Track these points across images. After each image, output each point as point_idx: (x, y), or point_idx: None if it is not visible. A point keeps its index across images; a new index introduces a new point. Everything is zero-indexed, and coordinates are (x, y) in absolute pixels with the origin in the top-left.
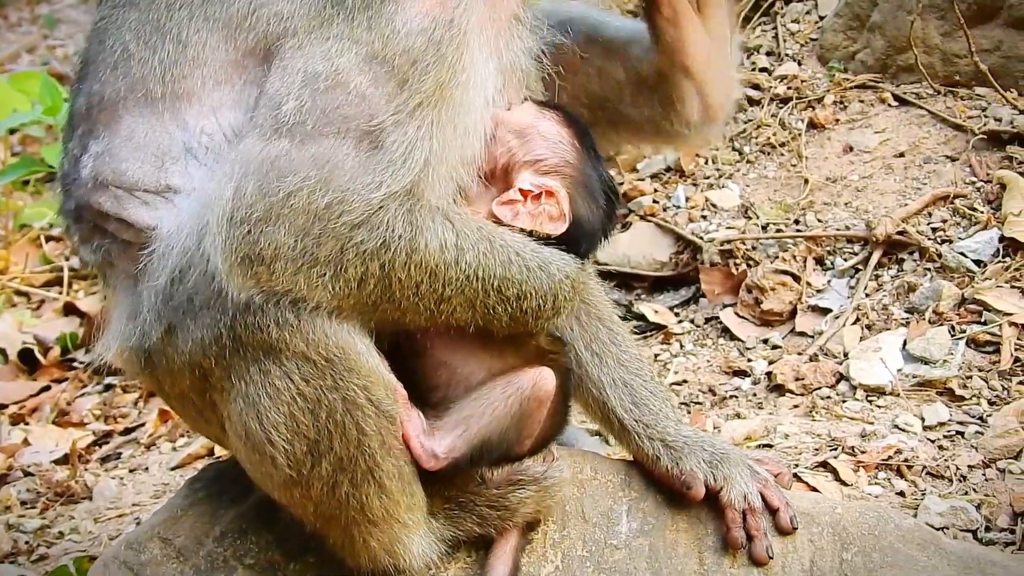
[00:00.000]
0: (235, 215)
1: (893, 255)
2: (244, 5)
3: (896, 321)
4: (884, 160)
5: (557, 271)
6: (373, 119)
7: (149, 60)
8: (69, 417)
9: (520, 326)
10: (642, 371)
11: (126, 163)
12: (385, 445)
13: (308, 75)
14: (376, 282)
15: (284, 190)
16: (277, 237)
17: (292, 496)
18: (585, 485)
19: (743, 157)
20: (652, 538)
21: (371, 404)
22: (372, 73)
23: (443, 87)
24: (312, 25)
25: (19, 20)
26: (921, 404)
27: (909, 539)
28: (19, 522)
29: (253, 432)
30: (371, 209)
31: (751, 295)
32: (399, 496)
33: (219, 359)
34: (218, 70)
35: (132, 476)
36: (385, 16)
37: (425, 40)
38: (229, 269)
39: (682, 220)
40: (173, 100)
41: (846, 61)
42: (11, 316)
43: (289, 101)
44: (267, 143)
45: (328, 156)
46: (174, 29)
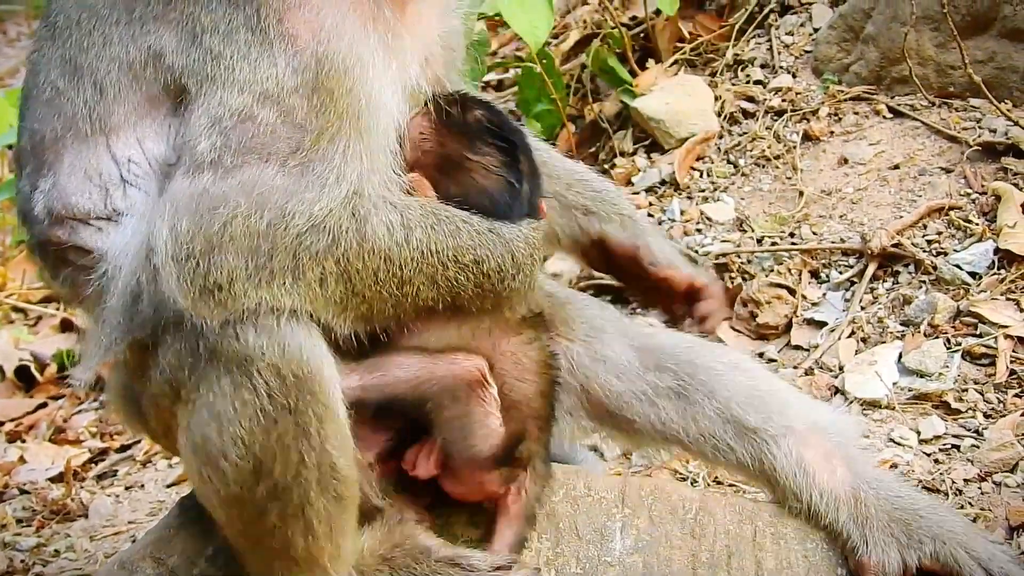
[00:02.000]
0: (177, 253)
1: (888, 268)
2: (139, 53)
3: (892, 334)
4: (879, 172)
5: (507, 231)
6: (292, 148)
7: (75, 100)
8: (65, 434)
9: (489, 294)
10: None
11: (75, 196)
12: (321, 483)
13: (212, 118)
14: (336, 279)
15: (219, 221)
16: (227, 263)
17: (229, 515)
18: (579, 502)
19: (738, 170)
20: (646, 555)
21: (318, 437)
22: (274, 109)
23: (350, 106)
24: (200, 80)
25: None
26: (917, 417)
27: None
28: (15, 540)
29: (211, 443)
30: (315, 218)
31: (746, 308)
32: (324, 542)
33: (193, 370)
34: (136, 107)
35: (128, 493)
36: (266, 62)
37: (312, 75)
38: (192, 305)
39: (677, 233)
40: (103, 135)
41: (840, 73)
42: (8, 333)
43: (202, 142)
44: (191, 179)
45: (255, 180)
46: (89, 70)
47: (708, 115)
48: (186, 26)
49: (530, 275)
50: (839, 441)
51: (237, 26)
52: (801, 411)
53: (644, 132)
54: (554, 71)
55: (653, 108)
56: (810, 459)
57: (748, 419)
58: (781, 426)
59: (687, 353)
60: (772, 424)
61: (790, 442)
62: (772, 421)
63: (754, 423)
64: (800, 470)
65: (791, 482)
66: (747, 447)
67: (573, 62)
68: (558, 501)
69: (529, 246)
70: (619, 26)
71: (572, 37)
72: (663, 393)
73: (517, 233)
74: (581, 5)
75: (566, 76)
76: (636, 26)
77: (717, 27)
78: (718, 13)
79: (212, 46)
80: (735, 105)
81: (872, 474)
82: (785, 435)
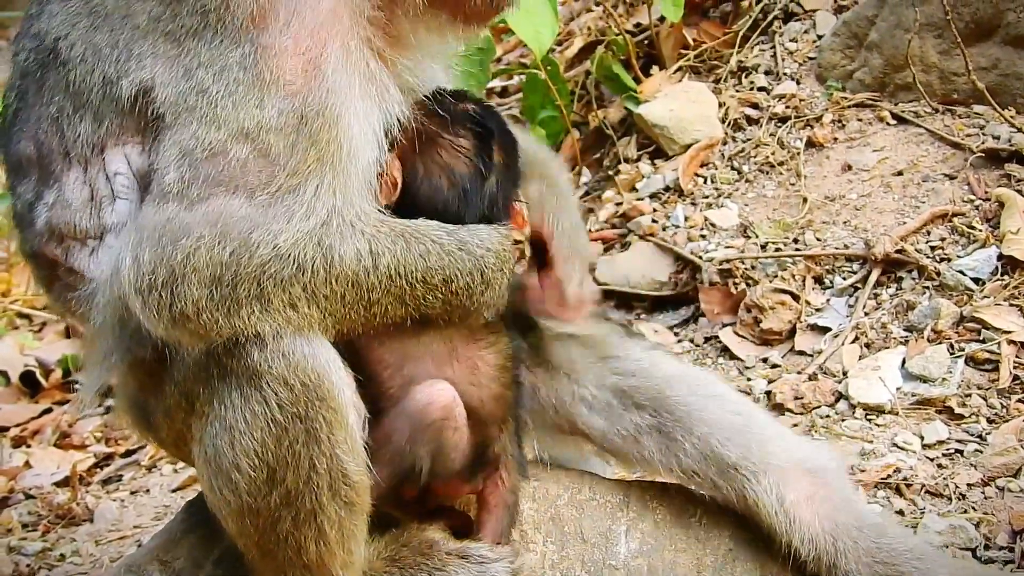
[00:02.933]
0: (140, 284)
1: (892, 273)
2: (130, 88)
3: (895, 339)
4: (882, 178)
5: (477, 247)
6: (262, 182)
7: (78, 127)
8: (71, 439)
9: (457, 309)
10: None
11: (79, 214)
12: (332, 488)
13: (182, 149)
14: (305, 302)
15: (181, 252)
16: (190, 293)
17: (242, 524)
18: (584, 506)
19: (742, 176)
20: (651, 558)
21: (329, 443)
22: (249, 146)
23: (331, 153)
24: (179, 111)
25: None
26: (920, 422)
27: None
28: (20, 544)
29: (223, 455)
30: (279, 249)
31: (750, 314)
32: (335, 547)
33: (206, 384)
34: (127, 133)
35: (133, 498)
36: (251, 101)
37: (296, 120)
38: (165, 333)
39: (681, 240)
40: (101, 156)
41: (844, 80)
42: (13, 339)
43: (170, 172)
44: (157, 208)
45: (220, 212)
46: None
47: (712, 121)
48: (184, 60)
49: (499, 288)
50: (823, 482)
51: (231, 64)
52: (783, 447)
53: (648, 139)
54: (558, 78)
55: (657, 114)
56: (791, 500)
57: (728, 455)
58: (762, 461)
59: (662, 388)
60: (752, 459)
61: (771, 479)
62: (752, 456)
63: (734, 459)
64: (781, 510)
65: (772, 521)
66: (730, 483)
67: (577, 69)
68: (563, 505)
69: (500, 260)
70: (624, 33)
71: (576, 44)
72: (644, 431)
73: (487, 248)
74: (585, 12)
75: (570, 83)
76: (640, 33)
77: (721, 34)
78: (722, 20)
79: (202, 80)
80: (739, 112)
81: (855, 520)
82: (766, 472)
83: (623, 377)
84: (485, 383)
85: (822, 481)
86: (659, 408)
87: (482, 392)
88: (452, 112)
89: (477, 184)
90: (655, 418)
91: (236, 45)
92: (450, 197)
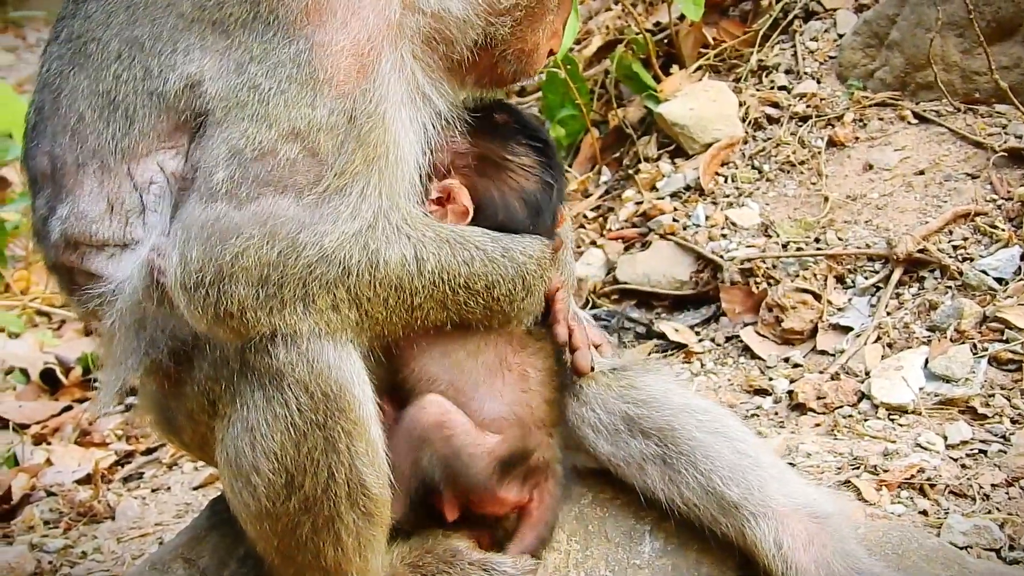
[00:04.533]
0: (186, 281)
1: (914, 273)
2: (177, 82)
3: (918, 339)
4: (904, 178)
5: (520, 254)
6: (310, 181)
7: (103, 132)
8: (91, 437)
9: (497, 314)
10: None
11: (95, 224)
12: (351, 498)
13: (232, 148)
14: (348, 305)
15: (231, 252)
16: (237, 292)
17: (261, 528)
18: (608, 505)
19: (763, 175)
20: (675, 558)
21: (348, 453)
22: (299, 146)
23: (378, 156)
24: (229, 106)
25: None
26: (943, 422)
27: (933, 558)
28: (42, 542)
29: (244, 457)
30: (325, 250)
31: (772, 314)
32: (352, 555)
33: (229, 384)
34: (162, 136)
35: (154, 496)
36: (303, 100)
37: (346, 120)
38: (207, 329)
39: (702, 239)
40: (126, 163)
41: (865, 79)
42: (32, 336)
43: (219, 171)
44: (205, 207)
45: (269, 212)
46: (123, 104)
47: (733, 120)
48: (235, 54)
49: (539, 295)
50: (822, 528)
51: (284, 60)
52: (785, 490)
53: (668, 138)
54: (578, 76)
55: (677, 113)
56: (789, 545)
57: (729, 493)
58: (762, 503)
59: (670, 420)
60: (753, 500)
61: (770, 523)
62: (753, 497)
63: (735, 498)
64: (779, 554)
65: (769, 563)
66: (730, 521)
67: (596, 68)
68: (587, 504)
69: (540, 267)
70: (644, 32)
71: (595, 43)
72: (649, 459)
73: (529, 256)
74: (604, 11)
75: (589, 81)
76: (660, 32)
77: (741, 33)
78: (742, 19)
79: (254, 75)
80: (760, 111)
81: (851, 569)
82: (766, 514)
83: (632, 405)
84: (536, 388)
85: (822, 527)
86: (665, 439)
87: (532, 398)
88: (501, 129)
89: (547, 199)
90: (660, 448)
91: (290, 40)
92: (524, 218)
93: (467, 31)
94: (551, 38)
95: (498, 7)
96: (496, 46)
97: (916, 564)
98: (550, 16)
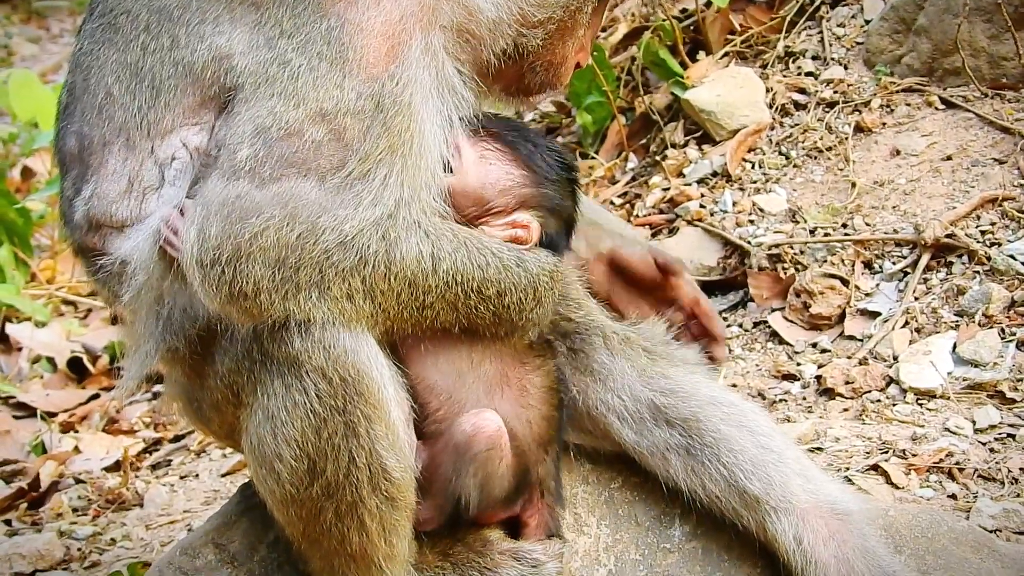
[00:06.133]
0: (203, 258)
1: (942, 258)
2: (205, 53)
3: (946, 324)
4: (931, 163)
5: (534, 265)
6: (334, 165)
7: (129, 106)
8: (118, 425)
9: (505, 322)
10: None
11: (115, 204)
12: (372, 482)
13: (258, 126)
14: (361, 296)
15: (249, 231)
16: (253, 272)
17: (287, 514)
18: (637, 489)
19: (790, 161)
20: (705, 541)
21: (368, 437)
22: (325, 127)
23: (403, 142)
24: (258, 82)
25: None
26: (972, 407)
27: (962, 541)
28: (71, 529)
29: (267, 444)
30: (344, 236)
31: (799, 299)
32: (377, 540)
33: (250, 373)
34: (187, 111)
35: (183, 483)
36: (332, 80)
37: (374, 104)
38: (220, 308)
39: (729, 225)
40: (150, 140)
41: (892, 65)
42: (59, 325)
43: (243, 149)
44: (227, 184)
45: (291, 193)
46: (149, 74)
47: (760, 107)
48: (264, 28)
49: (548, 307)
50: (843, 525)
51: (315, 36)
52: (808, 486)
53: (695, 124)
54: (604, 63)
55: (704, 100)
56: (809, 541)
57: (751, 487)
58: (783, 499)
59: (695, 411)
60: (774, 495)
61: (791, 518)
62: (774, 492)
63: (756, 492)
64: (799, 550)
65: (789, 559)
66: (751, 515)
67: (623, 55)
68: (616, 488)
69: (553, 280)
70: (670, 18)
71: (621, 30)
72: (672, 449)
73: (542, 268)
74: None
75: (616, 68)
76: (686, 18)
77: (768, 19)
78: (768, 5)
79: (284, 51)
80: (786, 97)
81: (872, 566)
82: (787, 509)
83: (660, 394)
84: (535, 405)
85: (843, 524)
86: (689, 430)
87: (531, 414)
88: (542, 164)
89: (573, 222)
90: (684, 439)
91: (322, 16)
92: (560, 238)
93: (497, 36)
94: (579, 51)
95: (531, 19)
96: (525, 57)
97: (946, 547)
98: (581, 30)
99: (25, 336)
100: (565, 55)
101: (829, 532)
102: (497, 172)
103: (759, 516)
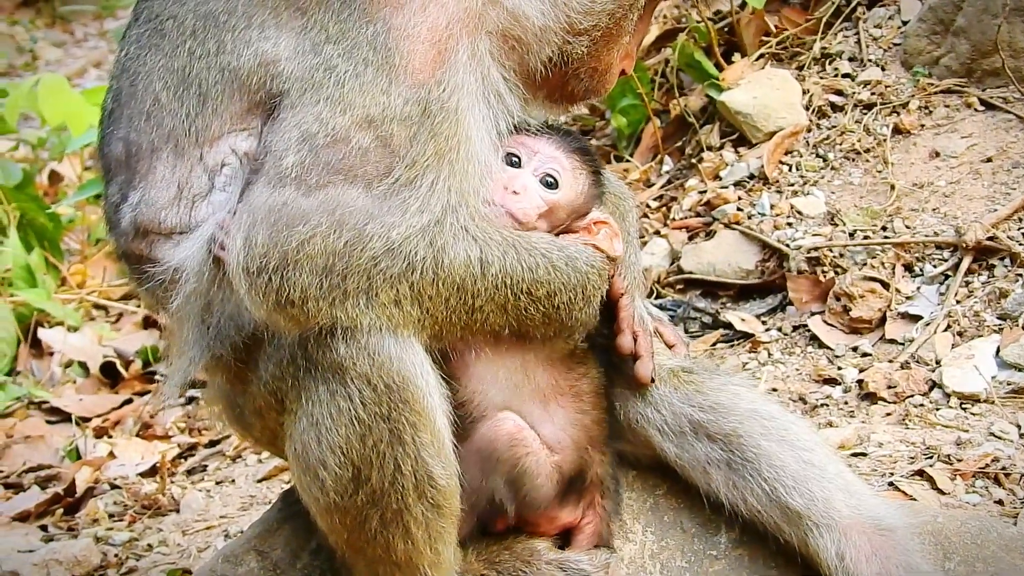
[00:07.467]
0: (249, 266)
1: (983, 261)
2: (251, 59)
3: (989, 328)
4: (971, 165)
5: (583, 264)
6: (381, 172)
7: (177, 112)
8: (153, 430)
9: (555, 323)
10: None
11: (164, 211)
12: (418, 490)
13: (304, 132)
14: (409, 301)
15: (297, 238)
16: (300, 280)
17: (331, 521)
18: (682, 496)
19: (828, 164)
20: (751, 548)
21: (413, 444)
22: (372, 134)
23: (449, 149)
24: (304, 87)
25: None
26: (1017, 411)
27: (1012, 548)
28: (107, 535)
29: (312, 452)
30: (392, 243)
31: (839, 303)
32: (423, 547)
33: (294, 380)
34: (235, 117)
35: (219, 488)
36: (379, 86)
37: (420, 110)
38: (267, 316)
39: (767, 228)
40: (199, 146)
41: (930, 66)
42: (91, 329)
43: (289, 156)
44: (273, 191)
45: (337, 200)
46: (196, 80)
47: (796, 109)
48: (310, 33)
49: (596, 306)
50: (886, 541)
51: (361, 42)
52: (850, 502)
53: (731, 126)
54: (639, 65)
55: (740, 102)
56: (851, 557)
57: (793, 503)
58: (826, 514)
59: (735, 424)
60: (816, 511)
61: (833, 534)
62: (817, 507)
63: (798, 507)
64: (841, 567)
65: (831, 575)
66: (793, 530)
67: (657, 57)
68: (662, 495)
69: (600, 278)
70: (705, 20)
71: (654, 32)
72: (714, 463)
73: (591, 266)
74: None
75: (650, 71)
76: (720, 20)
77: (803, 20)
78: (803, 6)
79: (330, 56)
80: (823, 99)
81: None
82: (829, 525)
83: (698, 410)
84: (588, 409)
85: (886, 540)
86: (730, 445)
87: (587, 419)
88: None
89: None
90: (726, 453)
91: (367, 22)
92: None
93: (543, 44)
94: (624, 58)
95: (577, 27)
96: (570, 64)
97: (995, 554)
98: (626, 37)
99: (57, 341)
100: (610, 62)
101: (872, 549)
102: (584, 179)
103: (801, 532)
